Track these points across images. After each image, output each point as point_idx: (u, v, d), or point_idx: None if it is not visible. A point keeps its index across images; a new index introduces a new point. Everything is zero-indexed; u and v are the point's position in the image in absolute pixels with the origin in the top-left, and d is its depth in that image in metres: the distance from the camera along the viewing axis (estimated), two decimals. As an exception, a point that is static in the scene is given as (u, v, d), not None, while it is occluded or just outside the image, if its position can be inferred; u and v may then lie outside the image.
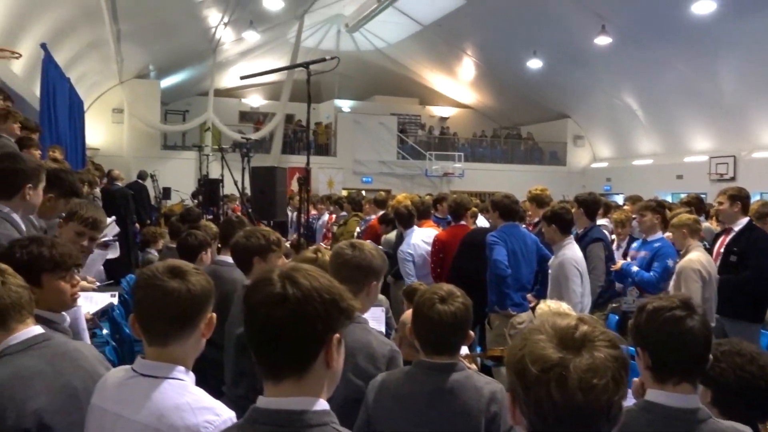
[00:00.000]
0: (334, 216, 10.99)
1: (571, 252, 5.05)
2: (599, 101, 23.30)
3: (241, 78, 7.88)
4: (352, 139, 24.32)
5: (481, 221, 8.12)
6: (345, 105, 26.24)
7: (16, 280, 2.09)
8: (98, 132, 20.45)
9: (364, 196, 10.91)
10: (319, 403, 1.38)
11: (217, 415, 1.75)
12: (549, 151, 27.39)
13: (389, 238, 7.35)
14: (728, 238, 5.57)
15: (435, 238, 6.47)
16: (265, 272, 1.43)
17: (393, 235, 7.26)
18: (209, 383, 2.20)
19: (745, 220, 5.51)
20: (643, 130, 22.96)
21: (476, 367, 3.03)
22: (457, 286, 2.45)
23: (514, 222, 5.49)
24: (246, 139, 13.08)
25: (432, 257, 6.42)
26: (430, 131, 27.82)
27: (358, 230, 8.59)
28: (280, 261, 3.46)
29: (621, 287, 5.93)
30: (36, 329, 2.09)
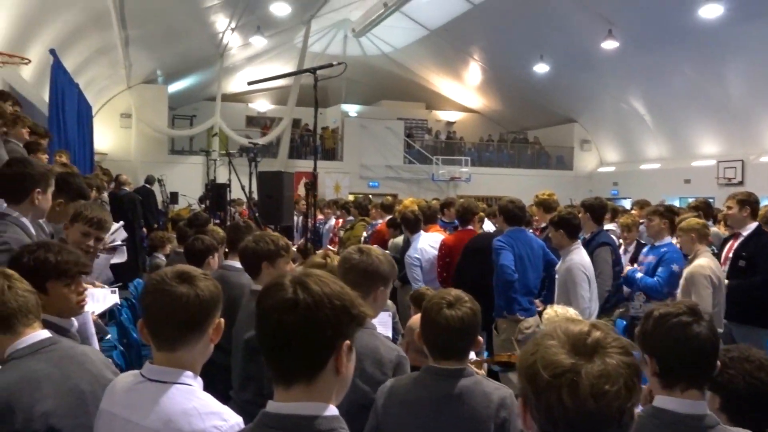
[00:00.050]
0: (340, 221, 10.99)
1: (579, 257, 5.04)
2: (606, 105, 23.23)
3: (249, 84, 7.90)
4: (358, 143, 24.33)
5: (488, 226, 8.11)
6: (352, 109, 26.27)
7: (22, 285, 2.10)
8: (106, 137, 20.54)
9: (371, 201, 10.89)
10: (330, 408, 1.38)
11: (225, 420, 1.75)
12: (556, 156, 27.32)
13: (396, 242, 7.33)
14: (737, 243, 5.56)
15: (442, 242, 6.46)
16: (278, 277, 1.43)
17: (400, 240, 7.25)
18: (216, 388, 2.20)
19: (754, 224, 5.49)
20: (651, 135, 22.88)
21: (483, 373, 3.02)
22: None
23: (521, 227, 5.49)
24: (253, 144, 13.09)
25: (438, 262, 6.41)
26: (437, 136, 27.80)
27: (365, 235, 8.59)
28: (288, 266, 3.46)
29: (629, 292, 5.90)
30: (43, 333, 2.10)
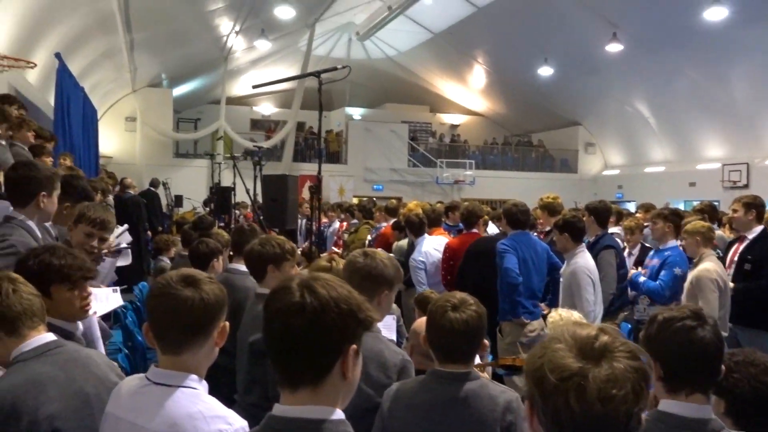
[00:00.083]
0: (345, 224, 11.00)
1: (584, 260, 5.02)
2: (610, 108, 23.21)
3: (253, 87, 7.91)
4: (363, 146, 24.36)
5: (492, 229, 8.10)
6: (356, 113, 26.31)
7: (27, 288, 2.11)
8: (111, 140, 20.62)
9: (375, 204, 10.90)
10: (336, 412, 1.39)
11: (230, 424, 1.75)
12: (560, 159, 27.33)
13: (401, 245, 7.31)
14: (742, 247, 5.54)
15: (446, 245, 6.45)
16: (285, 280, 1.43)
17: (405, 243, 7.23)
18: (221, 391, 2.20)
19: (759, 228, 5.48)
20: (655, 138, 22.85)
21: (488, 376, 3.01)
22: (463, 295, 2.45)
23: (525, 230, 5.49)
24: (258, 147, 13.11)
25: (443, 265, 6.39)
26: (441, 139, 27.82)
27: (369, 238, 8.58)
28: (293, 270, 3.46)
29: (633, 295, 5.89)
30: (48, 336, 2.10)
